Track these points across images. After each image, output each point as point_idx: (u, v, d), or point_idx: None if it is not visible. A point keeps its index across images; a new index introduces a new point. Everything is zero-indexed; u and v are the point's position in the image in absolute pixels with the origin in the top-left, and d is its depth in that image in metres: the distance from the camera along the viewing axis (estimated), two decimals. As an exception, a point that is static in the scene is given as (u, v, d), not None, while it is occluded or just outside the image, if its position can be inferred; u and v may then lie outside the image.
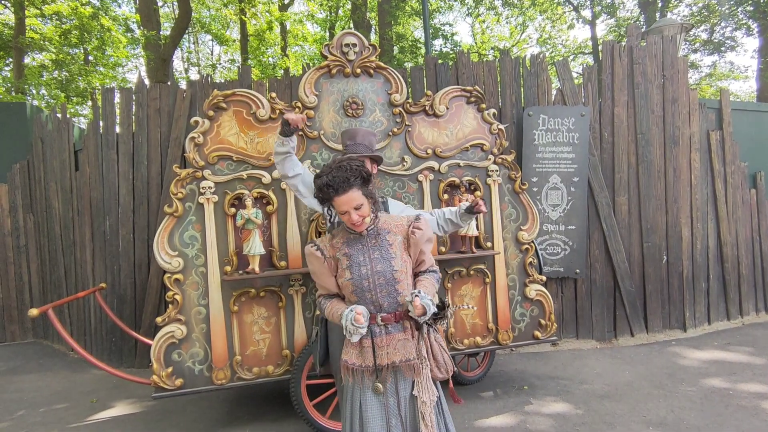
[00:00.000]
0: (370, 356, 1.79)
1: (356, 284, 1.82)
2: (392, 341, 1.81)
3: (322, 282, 1.91)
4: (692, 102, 4.86)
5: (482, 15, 16.44)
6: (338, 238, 1.90)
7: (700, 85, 14.95)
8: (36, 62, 12.63)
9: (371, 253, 1.84)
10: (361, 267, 1.82)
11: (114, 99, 4.48)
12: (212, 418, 3.35)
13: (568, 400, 3.39)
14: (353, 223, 1.80)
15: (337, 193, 1.76)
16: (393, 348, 1.80)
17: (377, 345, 1.79)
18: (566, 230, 4.51)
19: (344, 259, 1.84)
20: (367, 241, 1.86)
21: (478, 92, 3.41)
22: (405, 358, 1.79)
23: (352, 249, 1.85)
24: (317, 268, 1.89)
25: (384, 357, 1.79)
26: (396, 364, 1.79)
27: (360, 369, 1.80)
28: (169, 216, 2.87)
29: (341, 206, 1.78)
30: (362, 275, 1.81)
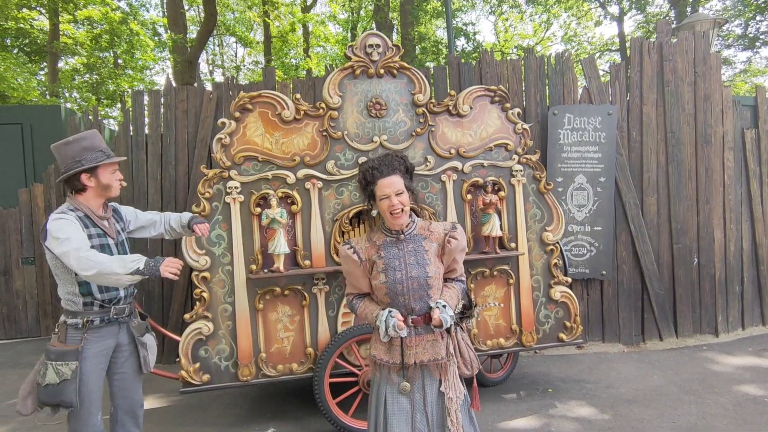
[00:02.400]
0: (398, 354, 1.82)
1: (390, 287, 1.82)
2: (421, 342, 1.84)
3: (354, 282, 1.92)
4: (726, 99, 4.70)
5: (505, 13, 16.26)
6: (375, 240, 1.90)
7: (734, 81, 14.46)
8: (69, 66, 13.08)
9: (407, 258, 1.84)
10: (396, 271, 1.82)
11: (143, 101, 4.60)
12: (236, 414, 3.41)
13: (594, 404, 3.32)
14: (393, 208, 1.79)
15: (382, 174, 1.80)
16: (422, 348, 1.84)
17: (406, 345, 1.82)
18: (592, 231, 4.43)
19: (380, 262, 1.85)
20: (404, 245, 1.86)
21: (503, 91, 3.38)
22: (434, 357, 1.83)
23: (388, 253, 1.85)
24: (352, 269, 1.89)
25: (412, 356, 1.82)
26: (424, 363, 1.82)
27: (387, 365, 1.84)
28: (195, 216, 2.93)
29: (384, 189, 1.79)
30: (397, 279, 1.82)
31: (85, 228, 2.07)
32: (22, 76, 9.91)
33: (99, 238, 2.12)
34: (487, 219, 3.19)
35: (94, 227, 2.12)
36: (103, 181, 2.12)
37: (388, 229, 1.88)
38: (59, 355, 1.99)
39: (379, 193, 1.81)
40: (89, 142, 2.11)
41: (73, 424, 2.09)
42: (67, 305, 2.08)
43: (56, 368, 1.97)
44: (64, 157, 2.11)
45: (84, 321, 2.06)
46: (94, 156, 2.09)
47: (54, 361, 1.98)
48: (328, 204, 3.11)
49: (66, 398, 1.96)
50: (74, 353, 2.00)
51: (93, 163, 2.08)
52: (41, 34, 11.91)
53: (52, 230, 1.97)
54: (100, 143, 2.14)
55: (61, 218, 2.02)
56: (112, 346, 2.17)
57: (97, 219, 2.14)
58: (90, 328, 2.07)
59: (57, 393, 1.96)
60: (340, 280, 3.11)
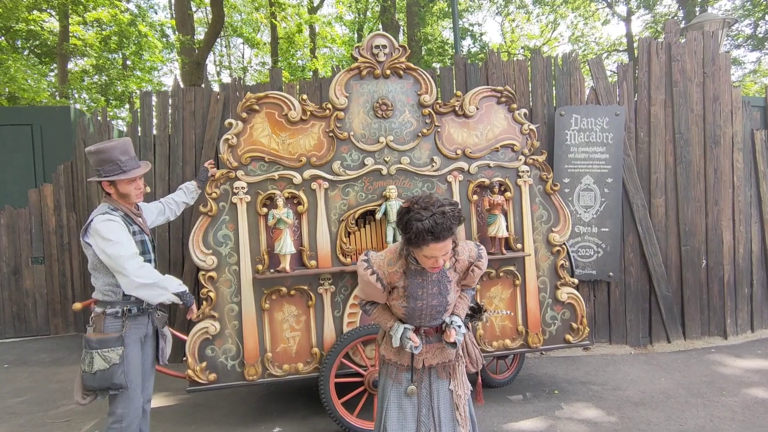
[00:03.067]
0: (407, 358, 1.88)
1: (409, 312, 1.85)
2: (431, 349, 1.90)
3: (370, 297, 1.90)
4: (735, 100, 4.66)
5: (512, 14, 16.21)
6: (397, 267, 1.81)
7: (743, 82, 14.31)
8: (78, 67, 13.21)
9: (430, 288, 1.81)
10: (417, 300, 1.82)
11: (151, 102, 4.64)
12: (242, 413, 3.43)
13: (601, 406, 3.31)
14: (435, 267, 1.73)
15: (437, 241, 1.64)
16: (432, 354, 1.90)
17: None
18: (599, 232, 4.40)
19: (401, 290, 1.82)
20: (429, 276, 1.81)
21: (509, 92, 3.37)
22: (442, 361, 1.90)
23: (411, 282, 1.81)
24: (370, 290, 1.85)
25: (421, 361, 1.88)
26: (433, 365, 1.90)
27: (395, 365, 1.91)
28: (203, 215, 2.95)
29: (433, 252, 1.66)
30: (417, 307, 1.83)
31: (129, 225, 2.27)
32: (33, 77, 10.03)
33: (140, 234, 2.33)
34: (493, 220, 3.18)
35: (133, 224, 2.31)
36: (121, 191, 2.29)
37: (415, 259, 1.79)
38: (103, 342, 2.15)
39: (426, 252, 1.68)
40: (107, 155, 2.24)
41: (118, 407, 2.22)
42: (105, 296, 2.23)
43: (103, 355, 2.13)
44: (91, 164, 2.30)
45: (123, 310, 2.23)
46: (110, 168, 2.25)
47: (99, 348, 2.13)
48: (334, 204, 3.12)
49: (117, 380, 2.15)
50: (118, 339, 2.18)
51: (107, 176, 2.25)
52: (51, 36, 12.05)
53: (102, 231, 2.13)
54: (119, 156, 2.27)
55: (111, 220, 2.18)
56: (144, 334, 2.33)
57: (134, 216, 2.34)
58: (129, 317, 2.24)
59: (108, 377, 2.13)
60: (345, 281, 3.12)
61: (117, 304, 2.22)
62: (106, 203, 2.29)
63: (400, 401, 1.88)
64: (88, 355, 2.14)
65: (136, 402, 2.26)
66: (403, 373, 1.88)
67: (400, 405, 1.88)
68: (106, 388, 2.15)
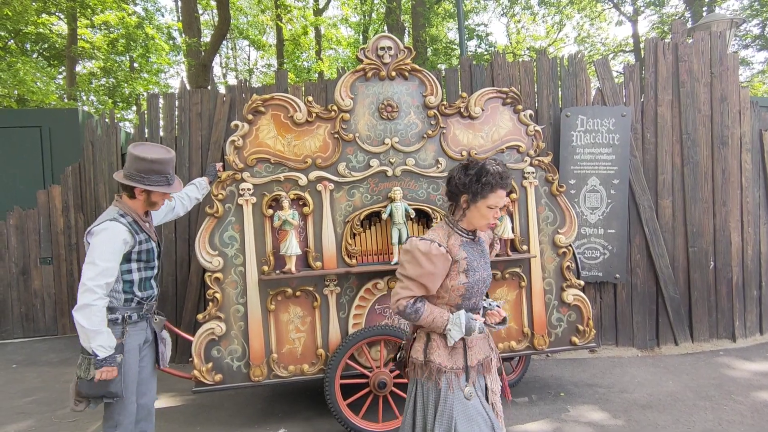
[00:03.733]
0: (461, 358, 1.80)
1: (469, 288, 1.80)
2: (477, 342, 1.86)
3: (428, 283, 1.76)
4: (743, 100, 4.62)
5: (517, 15, 16.18)
6: (453, 239, 1.81)
7: (752, 82, 14.19)
8: (86, 70, 13.33)
9: (481, 259, 1.85)
10: (476, 272, 1.81)
11: (158, 104, 4.67)
12: (248, 414, 3.44)
13: (607, 409, 3.29)
14: (492, 222, 1.80)
15: (504, 187, 1.77)
16: (478, 348, 1.86)
17: (468, 346, 1.82)
18: (605, 234, 4.38)
19: (463, 262, 1.79)
20: (477, 246, 1.87)
21: (515, 93, 3.37)
22: (484, 356, 1.88)
23: (469, 252, 1.82)
24: (438, 269, 1.75)
25: (474, 357, 1.83)
26: (480, 362, 1.86)
27: (452, 371, 1.78)
28: (209, 217, 2.97)
29: (497, 199, 1.76)
30: (476, 280, 1.81)
31: (136, 234, 2.21)
32: (41, 80, 10.13)
33: (146, 243, 2.28)
34: (499, 221, 3.17)
35: (142, 232, 2.26)
36: (152, 200, 2.28)
37: (464, 230, 1.83)
38: None
39: (490, 201, 1.75)
40: (161, 167, 2.23)
41: (113, 414, 2.19)
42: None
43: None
44: (133, 165, 2.22)
45: (123, 316, 2.19)
46: (157, 179, 2.23)
47: None
48: (339, 206, 3.12)
49: (113, 389, 2.09)
50: (118, 347, 2.11)
51: (152, 186, 2.22)
52: (60, 39, 12.17)
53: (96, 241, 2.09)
54: (170, 170, 2.28)
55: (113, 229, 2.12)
56: (143, 340, 2.31)
57: (142, 223, 2.29)
58: (129, 323, 2.21)
59: (104, 385, 2.06)
60: (351, 282, 3.12)
61: (118, 310, 2.17)
62: (117, 207, 2.23)
63: (467, 411, 1.75)
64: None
65: (130, 408, 2.23)
66: (461, 377, 1.78)
67: (469, 416, 1.74)
68: (100, 396, 2.09)
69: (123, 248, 2.15)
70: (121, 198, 2.26)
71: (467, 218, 1.82)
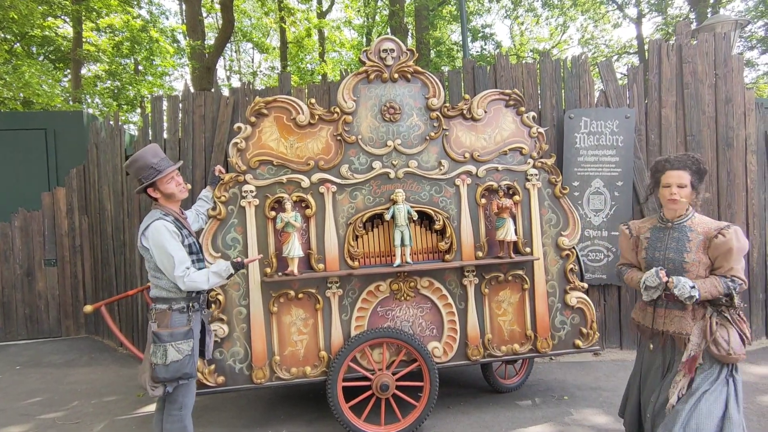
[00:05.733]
0: (650, 320, 2.31)
1: (648, 263, 2.28)
2: (669, 314, 2.23)
3: (625, 254, 2.45)
4: (748, 102, 4.59)
5: (521, 17, 16.18)
6: (647, 224, 2.38)
7: (757, 83, 14.11)
8: (91, 73, 13.41)
9: (668, 243, 2.24)
10: (655, 251, 2.27)
11: (162, 106, 4.69)
12: (250, 416, 3.44)
13: (611, 412, 3.26)
14: (672, 196, 2.17)
15: (672, 167, 2.20)
16: (669, 320, 2.23)
17: (657, 314, 2.28)
18: (609, 236, 4.36)
19: (644, 241, 2.33)
20: (670, 232, 2.26)
21: (517, 95, 3.36)
22: (678, 331, 2.20)
23: (653, 235, 2.31)
24: (623, 243, 2.44)
25: (660, 325, 2.26)
26: (669, 333, 2.22)
27: (642, 327, 2.36)
28: (212, 218, 2.97)
29: (668, 178, 2.19)
30: (654, 257, 2.26)
31: (180, 230, 2.39)
32: (47, 82, 10.19)
33: (189, 237, 2.44)
34: (502, 223, 3.16)
35: (183, 228, 2.43)
36: (165, 192, 2.42)
37: (662, 217, 2.31)
38: (175, 335, 2.30)
39: (663, 181, 2.22)
40: (142, 162, 2.38)
41: (178, 396, 2.38)
42: (170, 294, 2.36)
43: (177, 347, 2.29)
44: (132, 177, 2.45)
45: (188, 305, 2.39)
46: (148, 173, 2.38)
47: (172, 341, 2.28)
48: (341, 208, 3.12)
49: (188, 370, 2.33)
50: (189, 332, 2.35)
51: (148, 181, 2.38)
52: (65, 42, 12.25)
53: (156, 237, 2.28)
54: (151, 159, 2.40)
55: (165, 226, 2.31)
56: (199, 329, 2.47)
57: (182, 220, 2.48)
58: (192, 311, 2.41)
59: (181, 367, 2.29)
60: (353, 284, 3.12)
61: (182, 300, 2.37)
62: (157, 209, 2.40)
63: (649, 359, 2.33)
64: (161, 348, 2.27)
65: (194, 389, 2.45)
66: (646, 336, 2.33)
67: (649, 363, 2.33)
68: (177, 378, 2.29)
69: (179, 239, 2.34)
70: (156, 202, 2.45)
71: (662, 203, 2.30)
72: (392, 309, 3.16)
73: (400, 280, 3.15)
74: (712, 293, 2.11)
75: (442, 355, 3.17)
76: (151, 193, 2.42)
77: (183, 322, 2.35)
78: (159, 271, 2.34)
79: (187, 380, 2.36)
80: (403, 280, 3.15)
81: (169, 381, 2.28)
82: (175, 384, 2.32)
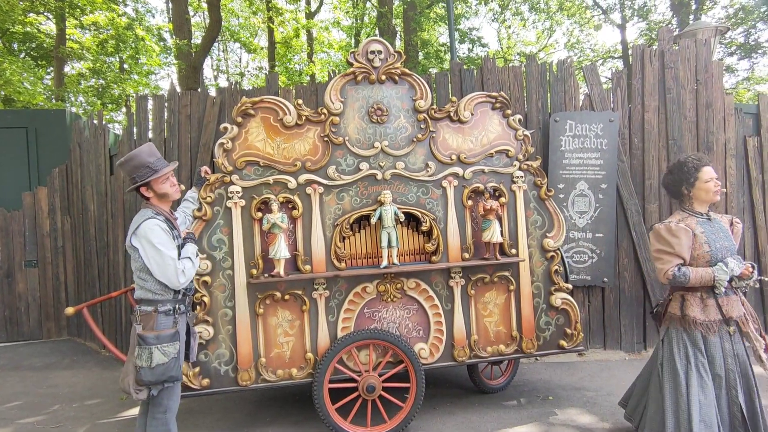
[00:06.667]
0: (716, 312, 2.38)
1: (713, 255, 2.36)
2: (730, 301, 2.39)
3: (681, 252, 2.37)
4: (728, 107, 4.70)
5: (508, 20, 16.33)
6: (691, 220, 2.45)
7: (736, 89, 14.43)
8: (75, 71, 13.19)
9: (718, 232, 2.42)
10: (716, 242, 2.39)
11: (147, 106, 4.64)
12: (235, 418, 3.41)
13: (595, 412, 3.31)
14: (718, 186, 2.41)
15: (703, 164, 2.44)
16: (731, 306, 2.39)
17: (722, 303, 2.38)
18: (594, 238, 4.42)
19: (701, 236, 2.40)
20: (713, 224, 2.43)
21: (504, 98, 3.39)
22: (739, 315, 2.39)
23: (705, 228, 2.42)
24: (685, 241, 2.38)
25: (729, 311, 2.38)
26: (735, 318, 2.37)
27: (705, 323, 2.38)
28: (198, 219, 2.95)
29: (710, 173, 2.42)
30: (718, 248, 2.37)
31: (172, 231, 2.37)
32: (29, 80, 10.00)
33: (179, 239, 2.44)
34: (488, 225, 3.19)
35: (174, 229, 2.42)
36: (158, 192, 2.40)
37: (697, 212, 2.46)
38: (161, 338, 2.27)
39: (705, 177, 2.41)
40: (138, 161, 2.36)
41: (163, 399, 2.35)
42: (156, 296, 2.33)
43: (162, 350, 2.25)
44: (124, 175, 2.41)
45: (174, 307, 2.37)
46: (143, 173, 2.35)
47: (158, 344, 2.25)
48: (328, 209, 3.12)
49: (174, 373, 2.29)
50: (175, 335, 2.32)
51: (142, 180, 2.35)
52: (48, 39, 12.03)
53: (150, 236, 2.26)
54: (147, 158, 2.38)
55: (158, 225, 2.30)
56: (184, 331, 2.45)
57: (173, 221, 2.46)
58: (178, 313, 2.39)
59: (166, 370, 2.25)
60: (340, 286, 3.11)
61: (168, 302, 2.35)
62: (148, 208, 2.37)
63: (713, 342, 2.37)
64: (146, 350, 2.23)
65: (179, 392, 2.43)
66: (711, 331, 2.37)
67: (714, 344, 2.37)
68: (162, 381, 2.25)
69: (171, 237, 2.33)
70: (147, 201, 2.42)
71: (696, 200, 2.46)
72: (379, 310, 3.16)
73: (387, 281, 3.16)
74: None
75: (429, 356, 3.19)
76: (143, 193, 2.39)
77: (169, 324, 2.33)
78: (145, 272, 2.31)
79: (173, 383, 2.32)
80: (389, 282, 3.16)
81: (154, 384, 2.25)
82: (160, 387, 2.29)
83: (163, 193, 2.40)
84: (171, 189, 2.43)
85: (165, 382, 2.27)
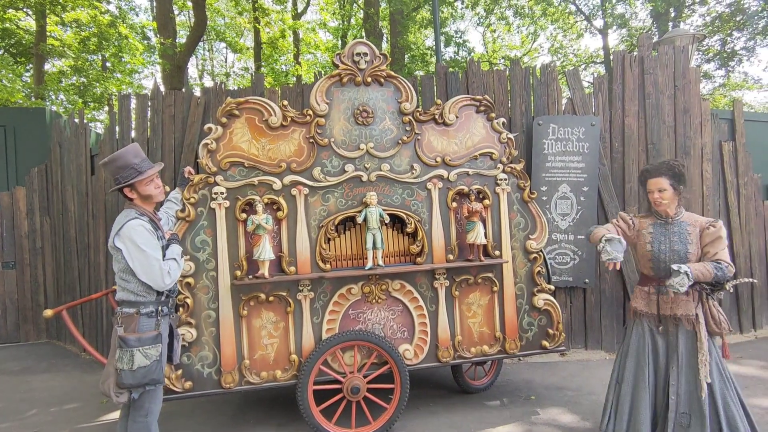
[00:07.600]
0: (654, 306, 2.54)
1: (654, 255, 2.52)
2: (676, 299, 2.47)
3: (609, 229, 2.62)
4: (704, 112, 4.83)
5: (493, 24, 16.50)
6: (648, 220, 2.62)
7: (713, 95, 14.80)
8: (55, 68, 12.92)
9: (671, 237, 2.51)
10: (660, 244, 2.52)
11: (130, 105, 4.58)
12: (219, 421, 3.38)
13: (576, 411, 3.36)
14: (654, 200, 2.53)
15: (650, 176, 2.54)
16: (676, 304, 2.47)
17: (662, 300, 2.51)
18: (575, 240, 4.50)
19: (648, 235, 2.57)
20: (671, 228, 2.53)
21: (488, 101, 3.44)
22: (685, 313, 2.44)
23: (655, 230, 2.56)
24: (621, 226, 2.65)
25: (667, 309, 2.49)
26: (677, 316, 2.46)
27: (646, 314, 2.57)
28: (181, 220, 2.92)
29: (649, 186, 2.54)
30: (662, 250, 2.51)
31: (156, 231, 2.35)
32: (7, 77, 9.77)
33: (161, 240, 2.40)
34: (472, 227, 3.22)
35: (158, 230, 2.39)
36: (143, 193, 2.37)
37: (657, 214, 2.58)
38: (143, 341, 2.23)
39: (648, 188, 2.55)
40: (122, 161, 2.32)
41: (144, 402, 2.32)
42: (138, 297, 2.31)
43: (144, 352, 2.22)
44: (108, 175, 2.37)
45: (156, 309, 2.34)
46: (127, 173, 2.32)
47: (139, 347, 2.21)
48: (313, 210, 3.12)
49: (156, 376, 2.25)
50: (157, 337, 2.28)
51: (127, 182, 2.31)
52: (27, 36, 11.77)
53: (134, 237, 2.23)
54: (132, 159, 2.35)
55: (142, 225, 2.27)
56: (167, 333, 2.43)
57: (157, 221, 2.43)
58: (161, 315, 2.36)
59: (148, 373, 2.22)
60: (325, 287, 3.12)
61: (151, 304, 2.32)
62: (132, 209, 2.34)
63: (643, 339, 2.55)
64: (127, 353, 2.20)
65: (160, 395, 2.39)
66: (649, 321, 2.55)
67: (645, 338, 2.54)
68: (144, 384, 2.22)
69: (155, 238, 2.30)
70: (130, 202, 2.39)
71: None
72: (364, 312, 3.17)
73: (372, 283, 3.17)
74: (704, 273, 2.36)
75: (413, 357, 3.21)
76: (127, 194, 2.36)
77: (151, 326, 2.30)
78: (128, 273, 2.28)
79: (154, 386, 2.29)
80: (374, 283, 3.17)
81: (135, 387, 2.22)
82: (142, 390, 2.26)
83: (147, 195, 2.37)
84: (155, 191, 2.40)
85: (146, 385, 2.24)
